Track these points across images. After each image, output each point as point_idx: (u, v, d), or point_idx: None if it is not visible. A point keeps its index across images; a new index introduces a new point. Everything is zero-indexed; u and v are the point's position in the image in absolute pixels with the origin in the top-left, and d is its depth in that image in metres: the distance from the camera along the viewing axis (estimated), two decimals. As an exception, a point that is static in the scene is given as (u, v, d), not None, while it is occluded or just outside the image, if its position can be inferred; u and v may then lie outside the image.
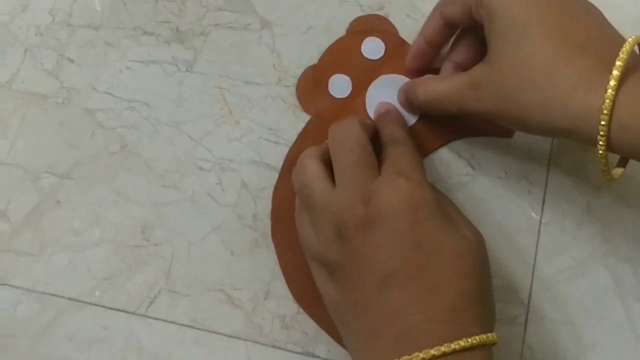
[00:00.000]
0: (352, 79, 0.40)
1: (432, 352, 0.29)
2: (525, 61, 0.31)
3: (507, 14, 0.31)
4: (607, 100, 0.28)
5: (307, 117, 0.40)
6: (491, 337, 0.30)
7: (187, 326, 0.38)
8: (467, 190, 0.39)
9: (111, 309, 0.39)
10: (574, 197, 0.38)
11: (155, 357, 0.38)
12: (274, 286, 0.38)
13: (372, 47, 0.40)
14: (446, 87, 0.34)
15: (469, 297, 0.30)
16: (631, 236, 0.37)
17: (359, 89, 0.40)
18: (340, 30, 0.41)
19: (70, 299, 0.39)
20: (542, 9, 0.31)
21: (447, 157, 0.39)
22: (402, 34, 0.41)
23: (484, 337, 0.30)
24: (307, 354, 0.37)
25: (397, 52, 0.40)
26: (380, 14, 0.41)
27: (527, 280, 0.37)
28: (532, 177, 0.38)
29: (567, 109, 0.30)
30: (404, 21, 0.41)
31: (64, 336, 0.38)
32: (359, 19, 0.41)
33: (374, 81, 0.40)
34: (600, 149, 0.29)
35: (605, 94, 0.29)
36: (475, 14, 0.34)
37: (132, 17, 0.42)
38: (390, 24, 0.41)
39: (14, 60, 0.43)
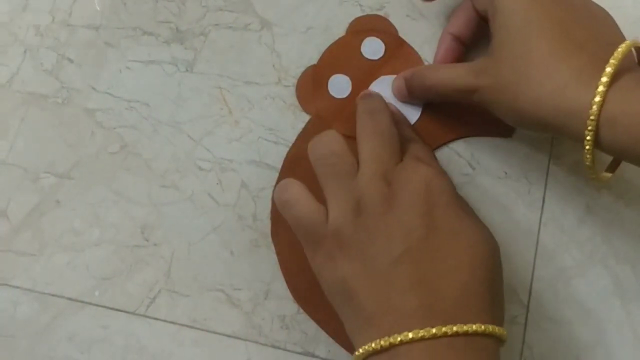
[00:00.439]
0: (352, 79, 0.40)
1: (444, 329, 0.28)
2: (522, 55, 0.31)
3: (511, 7, 0.32)
4: (597, 96, 0.29)
5: (307, 117, 0.40)
6: (500, 331, 0.30)
7: (187, 326, 0.38)
8: (467, 190, 0.39)
9: (111, 309, 0.39)
10: (574, 197, 0.38)
11: (155, 357, 0.38)
12: (274, 286, 0.38)
13: (372, 47, 0.40)
14: (452, 74, 0.35)
15: (481, 284, 0.30)
16: (631, 236, 0.37)
17: (358, 89, 0.40)
18: (340, 30, 0.41)
19: (70, 299, 0.39)
20: (545, 7, 0.32)
21: (447, 157, 0.39)
22: (402, 34, 0.41)
23: (495, 328, 0.29)
24: (307, 354, 0.37)
25: (397, 52, 0.40)
26: (380, 14, 0.41)
27: (527, 280, 0.37)
28: (532, 177, 0.38)
29: (558, 104, 0.30)
30: (404, 21, 0.41)
31: (63, 336, 0.38)
32: (359, 19, 0.41)
33: (374, 81, 0.40)
34: (587, 144, 0.29)
35: (595, 90, 0.29)
36: (479, 5, 0.35)
37: (132, 17, 0.42)
38: (390, 24, 0.41)
39: (13, 60, 0.43)
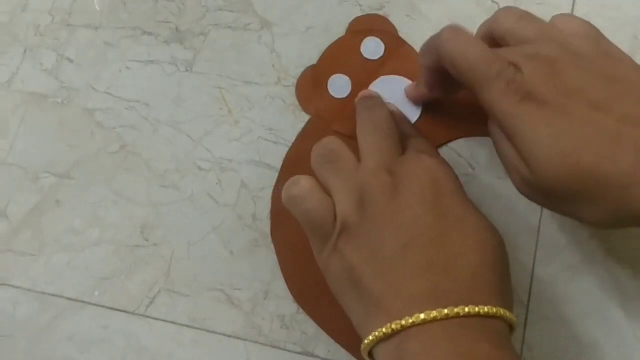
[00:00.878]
0: (351, 79, 0.40)
1: (456, 310, 0.28)
2: None
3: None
4: None
5: (306, 117, 0.40)
6: (511, 316, 0.29)
7: (187, 326, 0.38)
8: (467, 190, 0.38)
9: (111, 309, 0.39)
10: (574, 197, 0.38)
11: (154, 357, 0.38)
12: (274, 286, 0.38)
13: (372, 48, 0.40)
14: (480, 54, 0.32)
15: (490, 270, 0.30)
16: (631, 236, 0.37)
17: (358, 89, 0.40)
18: (340, 30, 0.41)
19: (70, 299, 0.39)
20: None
21: (447, 157, 0.39)
22: (402, 34, 0.41)
23: (507, 312, 0.29)
24: (307, 354, 0.37)
25: (397, 52, 0.40)
26: (380, 14, 0.41)
27: (527, 280, 0.37)
28: (532, 177, 0.38)
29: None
30: (404, 21, 0.41)
31: (63, 336, 0.38)
32: (359, 19, 0.41)
33: (374, 82, 0.40)
34: None
35: None
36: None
37: (132, 17, 0.42)
38: (390, 24, 0.41)
39: (13, 60, 0.43)
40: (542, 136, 0.29)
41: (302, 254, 0.38)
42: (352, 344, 0.36)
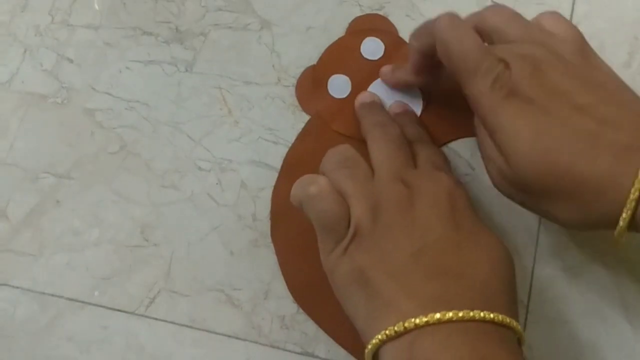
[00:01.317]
0: (351, 79, 0.40)
1: (472, 313, 0.28)
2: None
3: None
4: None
5: (306, 117, 0.40)
6: (521, 331, 0.29)
7: (187, 326, 0.38)
8: (467, 190, 0.39)
9: (110, 309, 0.39)
10: (574, 197, 0.38)
11: (154, 357, 0.38)
12: (274, 286, 0.38)
13: (372, 47, 0.40)
14: (474, 45, 0.32)
15: (500, 282, 0.30)
16: (630, 236, 0.37)
17: (358, 89, 0.40)
18: (339, 30, 0.41)
19: (69, 299, 0.39)
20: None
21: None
22: (401, 34, 0.41)
23: (518, 326, 0.29)
24: (307, 354, 0.37)
25: (397, 52, 0.40)
26: (380, 14, 0.41)
27: (527, 280, 0.37)
28: (532, 177, 0.38)
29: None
30: (404, 21, 0.41)
31: (63, 336, 0.38)
32: (359, 19, 0.41)
33: (374, 82, 0.40)
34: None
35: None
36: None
37: (132, 17, 0.42)
38: (390, 24, 0.41)
39: (13, 60, 0.43)
40: (523, 132, 0.29)
41: (302, 254, 0.38)
42: (351, 344, 0.36)
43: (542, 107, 0.29)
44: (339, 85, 0.40)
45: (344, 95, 0.40)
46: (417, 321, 0.28)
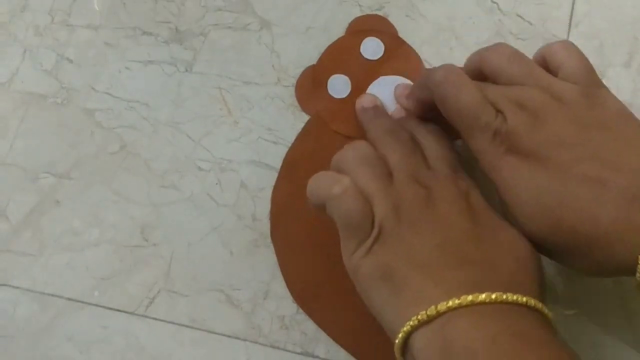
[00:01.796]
0: (351, 79, 0.40)
1: (504, 296, 0.28)
2: None
3: None
4: None
5: (306, 117, 0.40)
6: (552, 317, 0.29)
7: (187, 326, 0.38)
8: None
9: (110, 309, 0.39)
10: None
11: (154, 357, 0.38)
12: (274, 286, 0.38)
13: (372, 48, 0.40)
14: (471, 100, 0.32)
15: (527, 274, 0.30)
16: None
17: (358, 89, 0.40)
18: (339, 30, 0.41)
19: (69, 299, 0.39)
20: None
21: (446, 157, 0.39)
22: (401, 34, 0.41)
23: (549, 312, 0.29)
24: (307, 354, 0.37)
25: (397, 52, 0.40)
26: (379, 14, 0.41)
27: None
28: (532, 177, 0.38)
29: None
30: (404, 21, 0.41)
31: (63, 336, 0.38)
32: (358, 19, 0.41)
33: (374, 82, 0.40)
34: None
35: None
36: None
37: (131, 17, 0.42)
38: (389, 24, 0.41)
39: (13, 60, 0.43)
40: (524, 192, 0.30)
41: (302, 254, 0.38)
42: (351, 344, 0.36)
43: (542, 161, 0.30)
44: (339, 85, 0.40)
45: (344, 95, 0.40)
46: (450, 304, 0.28)
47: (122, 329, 0.38)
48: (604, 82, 0.32)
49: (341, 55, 0.41)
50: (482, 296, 0.28)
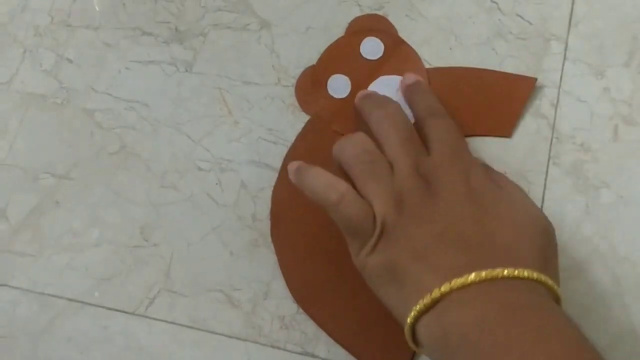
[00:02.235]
0: (351, 79, 0.40)
1: (495, 272, 0.28)
2: None
3: None
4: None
5: (306, 117, 0.40)
6: (553, 285, 0.29)
7: (187, 326, 0.38)
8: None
9: (110, 309, 0.39)
10: (574, 197, 0.38)
11: (154, 357, 0.38)
12: (274, 286, 0.38)
13: (371, 47, 0.40)
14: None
15: (530, 244, 0.30)
16: (631, 236, 0.37)
17: (358, 89, 0.40)
18: (339, 30, 0.41)
19: (69, 300, 0.39)
20: None
21: (446, 157, 0.39)
22: (401, 34, 0.41)
23: (549, 280, 0.29)
24: (307, 354, 0.37)
25: (397, 52, 0.40)
26: (379, 13, 0.41)
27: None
28: (532, 177, 0.38)
29: None
30: (404, 21, 0.41)
31: (63, 336, 0.38)
32: (358, 19, 0.41)
33: (374, 82, 0.40)
34: None
35: None
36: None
37: (131, 18, 0.42)
38: (389, 23, 0.41)
39: (13, 60, 0.43)
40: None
41: (302, 254, 0.38)
42: (352, 344, 0.36)
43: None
44: (339, 85, 0.40)
45: (344, 95, 0.40)
46: (442, 289, 0.28)
47: (122, 329, 0.38)
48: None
49: (341, 55, 0.41)
50: (472, 276, 0.28)
